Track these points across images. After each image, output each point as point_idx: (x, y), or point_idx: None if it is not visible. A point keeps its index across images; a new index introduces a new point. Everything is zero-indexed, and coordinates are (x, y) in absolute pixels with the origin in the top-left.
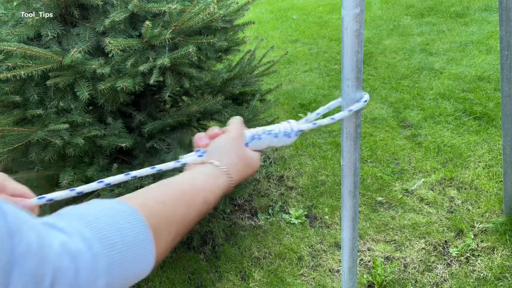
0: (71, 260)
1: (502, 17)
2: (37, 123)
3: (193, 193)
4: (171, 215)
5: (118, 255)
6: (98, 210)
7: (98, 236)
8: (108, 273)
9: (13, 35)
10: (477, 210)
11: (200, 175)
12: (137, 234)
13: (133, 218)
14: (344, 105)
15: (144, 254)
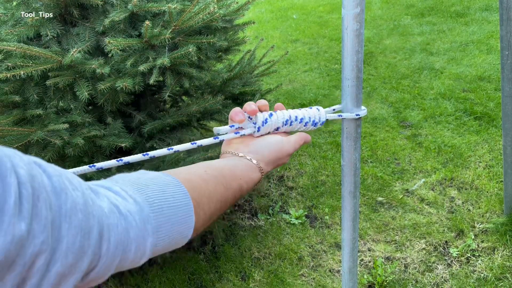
0: (120, 218)
1: (503, 17)
2: (37, 123)
3: (232, 178)
4: (211, 192)
5: (164, 219)
6: (148, 179)
7: (148, 201)
8: (155, 234)
9: (13, 35)
10: (477, 210)
11: (239, 165)
12: (181, 203)
13: (178, 189)
14: (346, 105)
15: (186, 222)
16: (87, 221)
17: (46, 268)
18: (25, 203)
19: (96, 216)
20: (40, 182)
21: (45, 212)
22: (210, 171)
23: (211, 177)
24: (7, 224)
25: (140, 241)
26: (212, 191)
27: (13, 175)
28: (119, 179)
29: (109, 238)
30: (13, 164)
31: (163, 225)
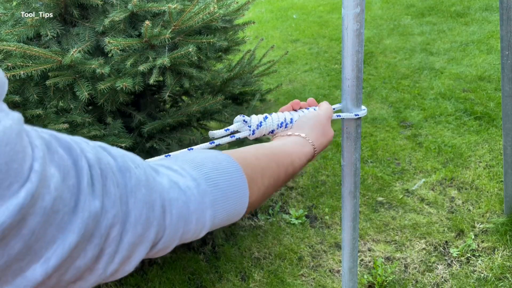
0: (180, 193)
1: (503, 17)
2: (37, 123)
3: (283, 154)
4: (264, 169)
5: (221, 193)
6: (204, 157)
7: (205, 177)
8: (213, 207)
9: (13, 35)
10: (477, 210)
11: (289, 142)
12: (236, 179)
13: (231, 165)
14: (345, 105)
15: (241, 197)
16: (150, 196)
17: (120, 238)
18: (96, 183)
19: (158, 191)
20: (107, 164)
21: (113, 189)
22: (262, 150)
23: (262, 155)
24: (83, 202)
25: (199, 213)
26: (265, 167)
27: (84, 159)
28: (178, 157)
29: (171, 211)
30: (82, 150)
31: (219, 199)
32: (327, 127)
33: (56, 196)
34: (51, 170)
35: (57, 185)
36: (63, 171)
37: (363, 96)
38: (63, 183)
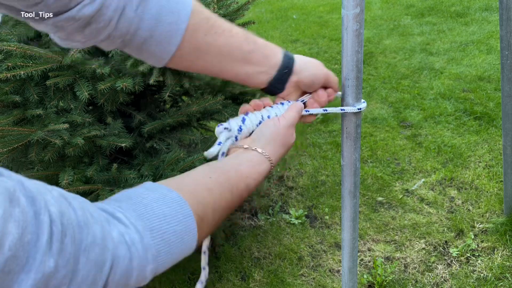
0: (127, 249)
1: (503, 17)
2: (37, 123)
3: (238, 179)
4: (217, 202)
5: (165, 244)
6: (150, 200)
7: (149, 227)
8: (156, 260)
9: (13, 35)
10: (477, 210)
11: (244, 161)
12: (184, 224)
13: (180, 208)
14: (345, 105)
15: (188, 241)
16: (102, 255)
17: None
18: (55, 241)
19: (110, 249)
20: (68, 219)
21: (69, 248)
22: (215, 177)
23: (216, 184)
24: (39, 261)
25: (141, 269)
26: (218, 200)
27: (46, 213)
28: (122, 199)
29: (116, 270)
30: (46, 202)
31: (163, 250)
32: (288, 135)
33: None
34: (8, 227)
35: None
36: (21, 227)
37: (363, 96)
38: (19, 240)
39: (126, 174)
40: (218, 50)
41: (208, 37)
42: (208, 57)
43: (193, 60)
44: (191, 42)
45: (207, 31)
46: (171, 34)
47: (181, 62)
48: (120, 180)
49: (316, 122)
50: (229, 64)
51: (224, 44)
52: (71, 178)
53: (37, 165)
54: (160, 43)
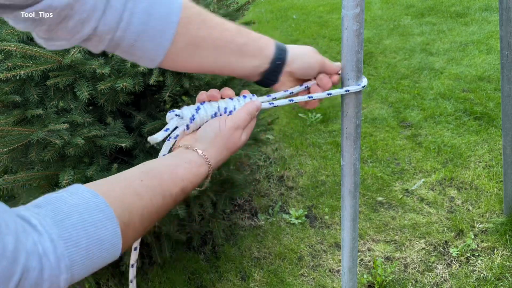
0: (39, 260)
1: (503, 17)
2: (37, 123)
3: (172, 183)
4: (146, 207)
5: (81, 253)
6: (71, 205)
7: (65, 236)
8: (69, 270)
9: (13, 35)
10: (477, 210)
11: (183, 163)
12: (106, 231)
13: (103, 215)
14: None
15: (110, 249)
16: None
17: None
18: None
19: (21, 262)
20: None
21: None
22: (147, 180)
23: (147, 188)
24: None
25: (53, 279)
26: (147, 205)
27: None
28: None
29: (25, 282)
30: None
31: (78, 260)
32: (233, 138)
33: None
34: None
35: None
36: None
37: (363, 96)
38: None
39: None
40: (213, 44)
41: (202, 31)
42: (203, 52)
43: (188, 57)
44: (185, 36)
45: (200, 25)
46: (164, 28)
47: (176, 59)
48: None
49: (316, 122)
50: (225, 58)
51: (218, 38)
52: (71, 178)
53: (37, 165)
54: (153, 38)
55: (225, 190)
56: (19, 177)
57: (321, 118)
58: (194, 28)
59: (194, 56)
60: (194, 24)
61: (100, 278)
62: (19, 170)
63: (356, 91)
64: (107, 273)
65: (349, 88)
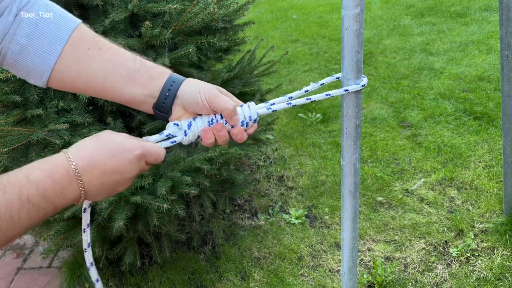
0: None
1: (503, 17)
2: (37, 123)
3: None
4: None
5: None
6: None
7: None
8: None
9: None
10: (477, 210)
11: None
12: None
13: None
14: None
15: None
16: None
17: None
18: None
19: None
20: None
21: None
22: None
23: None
24: None
25: None
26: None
27: None
28: None
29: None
30: None
31: None
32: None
33: None
34: None
35: None
36: None
37: (363, 96)
38: None
39: None
40: (101, 65)
41: (92, 51)
42: (90, 72)
43: (74, 76)
44: (73, 54)
45: (91, 46)
46: (51, 42)
47: (63, 78)
48: None
49: (316, 122)
50: (113, 81)
51: (108, 60)
52: None
53: None
54: (38, 52)
55: (225, 190)
56: None
57: (321, 118)
58: (84, 47)
59: (80, 76)
60: (85, 44)
61: (100, 278)
62: None
63: (355, 90)
64: (107, 273)
65: (348, 88)
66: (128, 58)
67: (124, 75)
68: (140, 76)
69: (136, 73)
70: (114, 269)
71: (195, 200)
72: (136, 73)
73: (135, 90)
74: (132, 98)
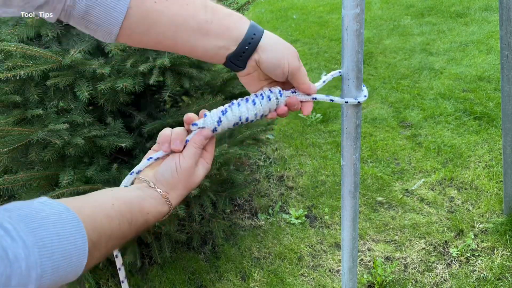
0: (7, 266)
1: (503, 17)
2: (37, 123)
3: (139, 214)
4: (113, 231)
5: (53, 264)
6: (46, 215)
7: (39, 244)
8: (39, 280)
9: (13, 35)
10: (477, 210)
11: (149, 198)
12: (76, 247)
13: (75, 230)
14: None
15: (77, 265)
16: None
17: None
18: None
19: None
20: None
21: None
22: (118, 205)
23: (117, 213)
24: None
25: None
26: (115, 229)
27: None
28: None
29: None
30: None
31: (49, 271)
32: (190, 177)
33: None
34: None
35: None
36: None
37: None
38: None
39: (126, 174)
40: (171, 20)
41: (159, 4)
42: (159, 28)
43: (144, 32)
44: (140, 9)
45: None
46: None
47: (132, 34)
48: (120, 180)
49: (316, 122)
50: (185, 36)
51: (177, 13)
52: (71, 178)
53: (37, 165)
54: (105, 9)
55: (225, 190)
56: (19, 177)
57: (321, 118)
58: (151, 1)
59: (150, 32)
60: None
61: (100, 278)
62: (19, 170)
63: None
64: (107, 273)
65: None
66: (198, 9)
67: (196, 28)
68: (214, 27)
69: (208, 24)
70: (114, 269)
71: (195, 200)
72: (209, 25)
73: (208, 43)
74: (205, 52)
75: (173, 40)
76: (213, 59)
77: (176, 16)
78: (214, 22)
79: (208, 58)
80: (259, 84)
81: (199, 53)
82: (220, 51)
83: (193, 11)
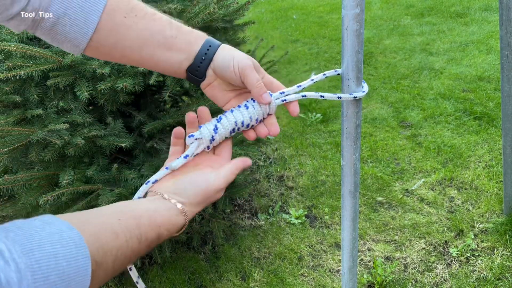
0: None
1: (503, 17)
2: (37, 123)
3: (149, 228)
4: (120, 248)
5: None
6: (45, 234)
7: (34, 267)
8: None
9: (13, 35)
10: (477, 210)
11: (162, 210)
12: (77, 268)
13: (77, 251)
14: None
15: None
16: None
17: None
18: None
19: None
20: None
21: None
22: (125, 220)
23: (124, 229)
24: None
25: None
26: (122, 246)
27: None
28: (12, 229)
29: None
30: None
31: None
32: (214, 196)
33: None
34: None
35: None
36: None
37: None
38: None
39: (126, 174)
40: (138, 34)
41: (128, 19)
42: (127, 42)
43: (111, 46)
44: (110, 23)
45: (127, 13)
46: (87, 12)
47: (99, 47)
48: (120, 180)
49: (316, 122)
50: (150, 50)
51: (145, 28)
52: (71, 178)
53: (37, 165)
54: (75, 22)
55: (225, 190)
56: (19, 177)
57: (321, 118)
58: (120, 16)
59: (117, 46)
60: (120, 12)
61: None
62: (19, 170)
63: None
64: None
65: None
66: (164, 25)
67: (162, 43)
68: (178, 42)
69: (173, 39)
70: None
71: None
72: (173, 40)
73: (171, 56)
74: (168, 65)
75: (139, 54)
76: (175, 73)
77: (143, 31)
78: (178, 37)
79: (172, 72)
80: (225, 95)
81: (161, 67)
82: (181, 64)
83: (160, 27)
